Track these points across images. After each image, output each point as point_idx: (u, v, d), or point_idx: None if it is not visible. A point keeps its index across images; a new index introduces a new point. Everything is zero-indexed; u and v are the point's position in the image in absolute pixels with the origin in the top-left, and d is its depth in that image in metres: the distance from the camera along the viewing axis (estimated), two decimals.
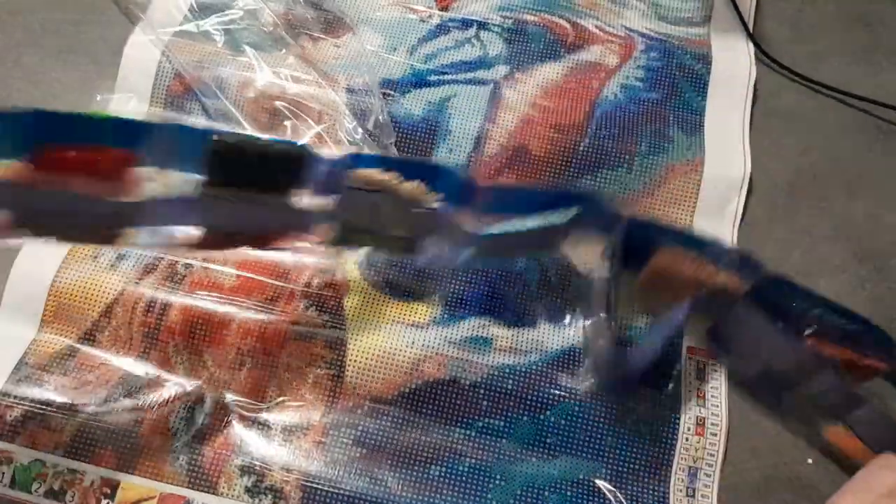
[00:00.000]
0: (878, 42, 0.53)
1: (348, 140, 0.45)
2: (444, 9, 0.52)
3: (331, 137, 0.45)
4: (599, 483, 0.38)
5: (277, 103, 0.46)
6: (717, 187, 0.46)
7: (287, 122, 0.45)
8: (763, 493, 0.38)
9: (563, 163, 0.46)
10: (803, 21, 0.55)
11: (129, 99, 0.48)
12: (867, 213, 0.47)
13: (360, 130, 0.45)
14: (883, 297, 0.43)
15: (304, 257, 0.43)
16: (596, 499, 0.37)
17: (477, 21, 0.52)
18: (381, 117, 0.46)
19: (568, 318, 0.41)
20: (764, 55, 0.52)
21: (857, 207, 0.47)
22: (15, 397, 0.39)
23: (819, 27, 0.54)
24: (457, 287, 0.43)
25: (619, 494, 0.37)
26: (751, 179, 0.47)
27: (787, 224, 0.46)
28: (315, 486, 0.37)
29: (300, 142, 0.42)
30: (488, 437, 0.39)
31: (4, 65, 0.51)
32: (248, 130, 0.46)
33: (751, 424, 0.40)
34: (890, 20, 0.54)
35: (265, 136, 0.38)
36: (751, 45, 0.52)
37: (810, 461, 0.39)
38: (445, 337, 0.41)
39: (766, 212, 0.46)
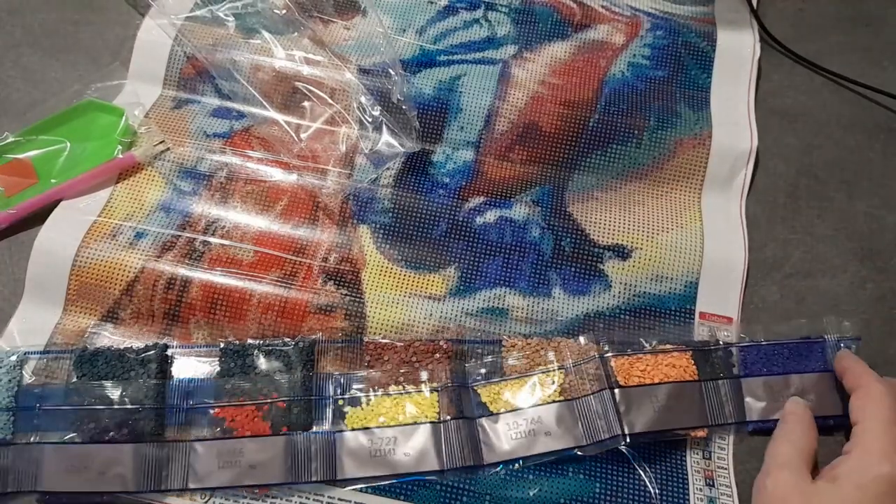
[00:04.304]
0: (879, 42, 0.54)
1: (366, 119, 0.46)
2: None
3: (349, 116, 0.46)
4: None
5: (297, 84, 0.46)
6: (724, 160, 0.47)
7: (306, 103, 0.46)
8: None
9: (574, 138, 0.47)
10: (803, 21, 0.55)
11: (141, 84, 0.49)
12: (867, 213, 0.47)
13: (377, 108, 0.45)
14: (884, 297, 0.43)
15: (319, 233, 0.43)
16: (618, 461, 0.38)
17: (484, 2, 0.52)
18: (403, 90, 0.46)
19: None
20: (767, 34, 0.53)
21: (858, 207, 0.47)
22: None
23: (819, 27, 0.55)
24: (472, 259, 0.43)
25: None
26: (752, 180, 0.47)
27: (787, 224, 0.46)
28: None
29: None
30: None
31: (4, 65, 0.51)
32: (266, 110, 0.46)
33: None
34: (891, 20, 0.55)
35: None
36: (754, 22, 0.53)
37: None
38: (462, 308, 0.42)
39: (766, 212, 0.47)
